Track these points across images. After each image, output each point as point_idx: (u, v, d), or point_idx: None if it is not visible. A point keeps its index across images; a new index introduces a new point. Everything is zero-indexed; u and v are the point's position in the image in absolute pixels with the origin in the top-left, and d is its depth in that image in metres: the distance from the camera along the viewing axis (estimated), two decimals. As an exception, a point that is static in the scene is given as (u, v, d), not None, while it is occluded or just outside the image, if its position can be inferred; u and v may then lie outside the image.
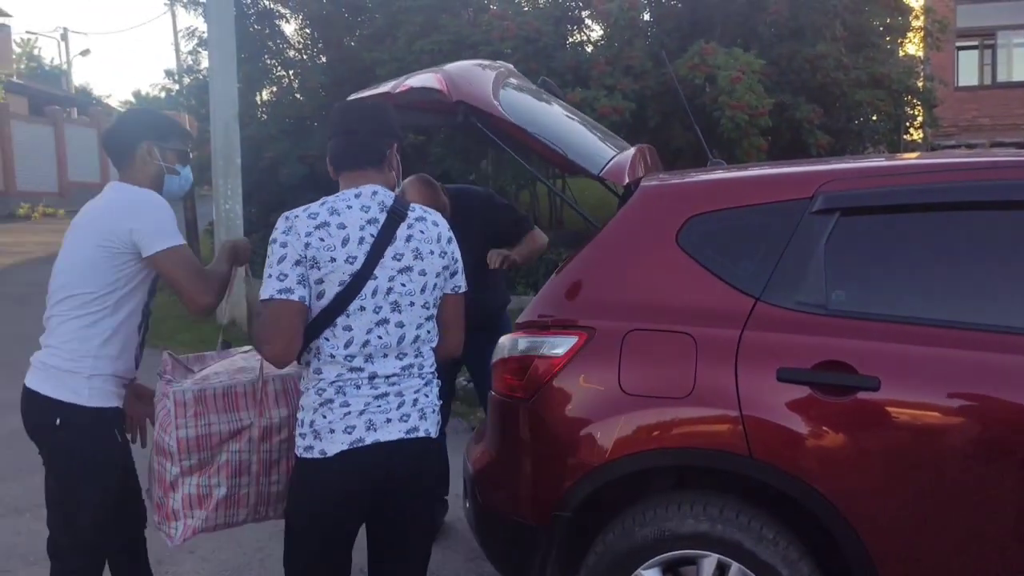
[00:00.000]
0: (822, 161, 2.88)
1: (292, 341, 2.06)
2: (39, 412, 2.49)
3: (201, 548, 3.71)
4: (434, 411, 2.23)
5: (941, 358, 2.22)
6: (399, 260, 2.13)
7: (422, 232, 2.18)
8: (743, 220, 2.46)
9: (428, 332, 2.21)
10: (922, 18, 11.29)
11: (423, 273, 2.17)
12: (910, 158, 3.44)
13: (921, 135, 12.57)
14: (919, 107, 11.32)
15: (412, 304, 2.16)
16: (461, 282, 2.29)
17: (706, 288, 2.41)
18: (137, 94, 44.59)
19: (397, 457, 2.14)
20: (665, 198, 2.68)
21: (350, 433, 2.10)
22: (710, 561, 2.33)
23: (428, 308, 2.20)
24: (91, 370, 2.43)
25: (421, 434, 2.18)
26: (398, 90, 2.79)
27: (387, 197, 2.18)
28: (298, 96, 11.16)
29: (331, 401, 2.11)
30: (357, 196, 2.15)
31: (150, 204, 2.45)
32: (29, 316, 10.53)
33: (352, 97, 3.36)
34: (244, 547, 3.77)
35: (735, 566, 2.31)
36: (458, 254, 2.28)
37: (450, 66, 3.05)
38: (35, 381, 2.49)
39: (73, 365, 2.42)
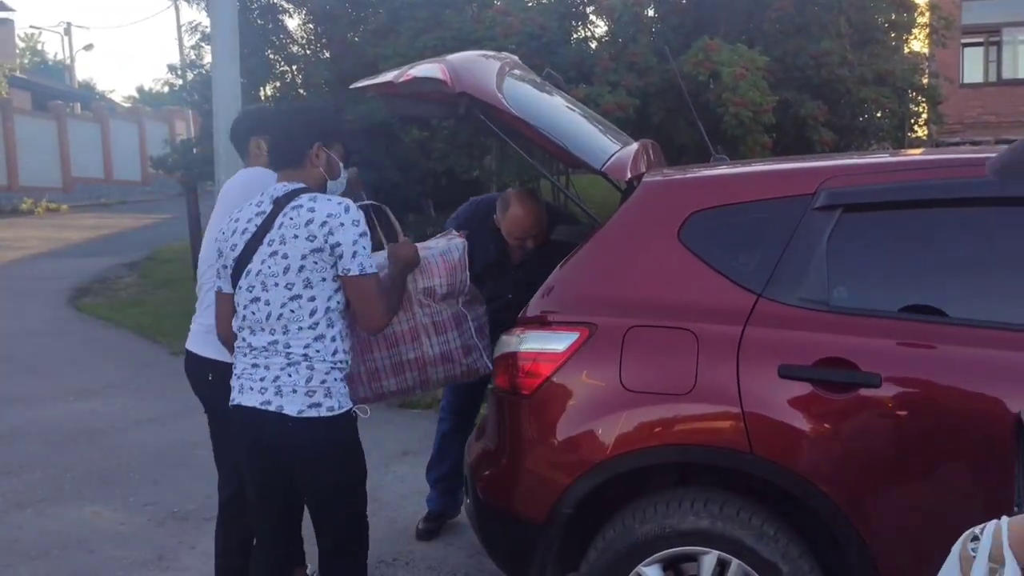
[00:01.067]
0: (825, 157, 2.88)
1: (220, 323, 2.57)
2: (196, 369, 2.89)
3: (203, 543, 3.72)
4: (295, 391, 2.36)
5: (943, 355, 2.21)
6: (271, 245, 2.40)
7: (291, 219, 2.39)
8: (745, 216, 2.46)
9: (293, 312, 2.38)
10: (927, 15, 11.23)
11: (285, 256, 2.38)
12: (913, 154, 3.43)
13: (926, 132, 12.52)
14: (924, 104, 11.26)
15: (276, 284, 2.38)
16: (350, 264, 2.38)
17: (708, 284, 2.41)
18: (141, 89, 44.71)
19: (257, 424, 2.40)
20: (667, 194, 2.67)
21: (233, 390, 2.47)
22: (711, 558, 2.33)
23: (291, 288, 2.37)
24: None
25: (273, 408, 2.37)
26: (401, 80, 2.78)
27: (280, 190, 2.45)
28: (301, 91, 11.14)
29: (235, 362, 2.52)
30: (263, 192, 2.48)
31: None
32: (30, 311, 10.53)
33: (355, 85, 3.35)
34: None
35: (735, 563, 2.31)
36: (344, 238, 2.36)
37: (453, 56, 3.03)
38: (192, 343, 2.90)
39: None
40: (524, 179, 11.34)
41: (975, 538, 1.20)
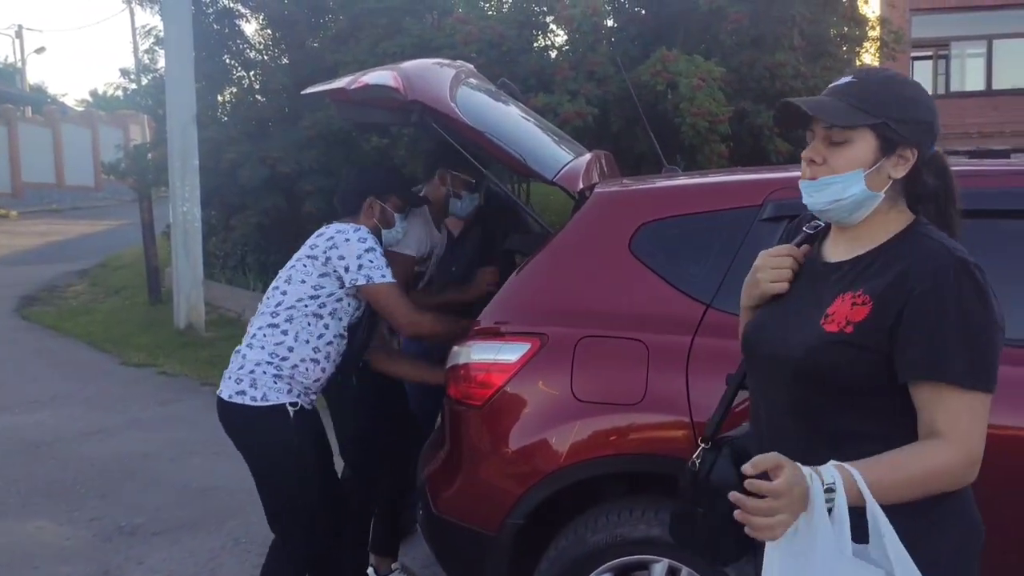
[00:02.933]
0: (774, 169, 2.91)
1: None
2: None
3: (151, 558, 3.64)
4: (229, 376, 2.65)
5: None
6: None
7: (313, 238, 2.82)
8: (694, 227, 2.48)
9: (267, 299, 2.73)
10: (878, 29, 11.48)
11: (292, 266, 2.77)
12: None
13: (878, 143, 12.75)
14: (875, 116, 11.50)
15: (273, 287, 2.78)
16: (357, 276, 2.69)
17: (658, 295, 2.42)
18: (95, 93, 43.86)
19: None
20: (618, 205, 2.69)
21: None
22: (661, 566, 2.34)
23: (276, 283, 2.78)
24: None
25: (222, 394, 2.66)
26: (353, 87, 2.76)
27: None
28: (259, 97, 11.02)
29: None
30: None
31: None
32: (-22, 320, 10.15)
33: (308, 91, 3.33)
34: (197, 556, 3.71)
35: (685, 570, 2.33)
36: (347, 252, 2.69)
37: (407, 64, 3.02)
38: None
39: None
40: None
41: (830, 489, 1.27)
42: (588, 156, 3.00)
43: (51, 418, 5.80)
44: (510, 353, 2.49)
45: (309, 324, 2.69)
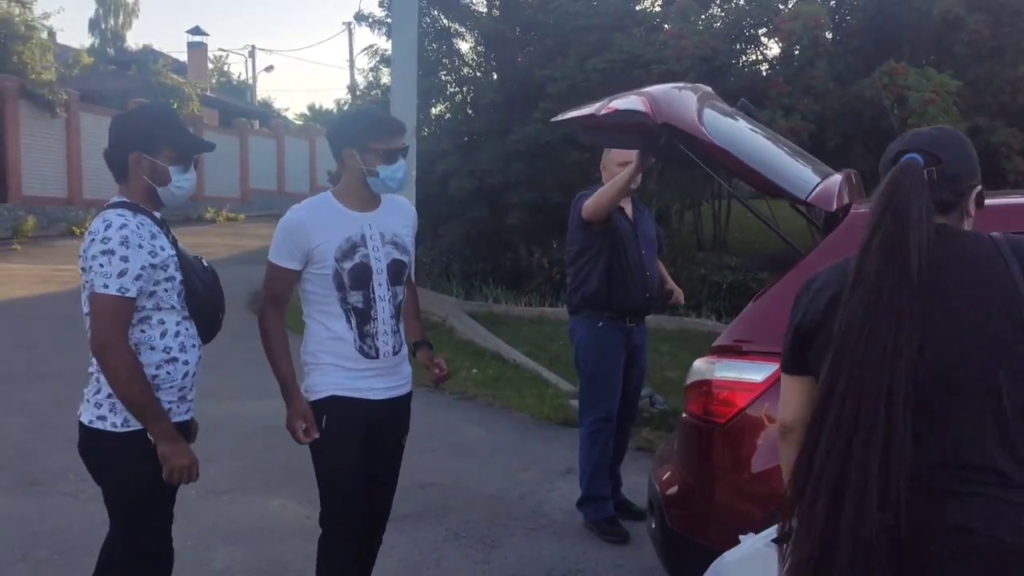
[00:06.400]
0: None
1: None
2: None
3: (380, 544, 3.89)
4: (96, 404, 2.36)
5: None
6: None
7: None
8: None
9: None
10: None
11: None
12: None
13: None
14: None
15: None
16: (87, 278, 2.32)
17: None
18: (312, 108, 47.49)
19: None
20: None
21: None
22: None
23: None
24: None
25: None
26: (603, 112, 2.84)
27: None
28: (470, 112, 11.54)
29: None
30: None
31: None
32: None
33: (556, 119, 3.46)
34: (422, 546, 3.90)
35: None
36: (87, 252, 2.29)
37: (653, 88, 3.06)
38: None
39: None
40: (686, 201, 11.24)
41: None
42: (839, 176, 2.91)
43: (283, 407, 6.31)
44: (755, 373, 2.46)
45: (143, 331, 2.36)
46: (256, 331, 2.88)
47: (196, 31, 32.76)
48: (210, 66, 37.96)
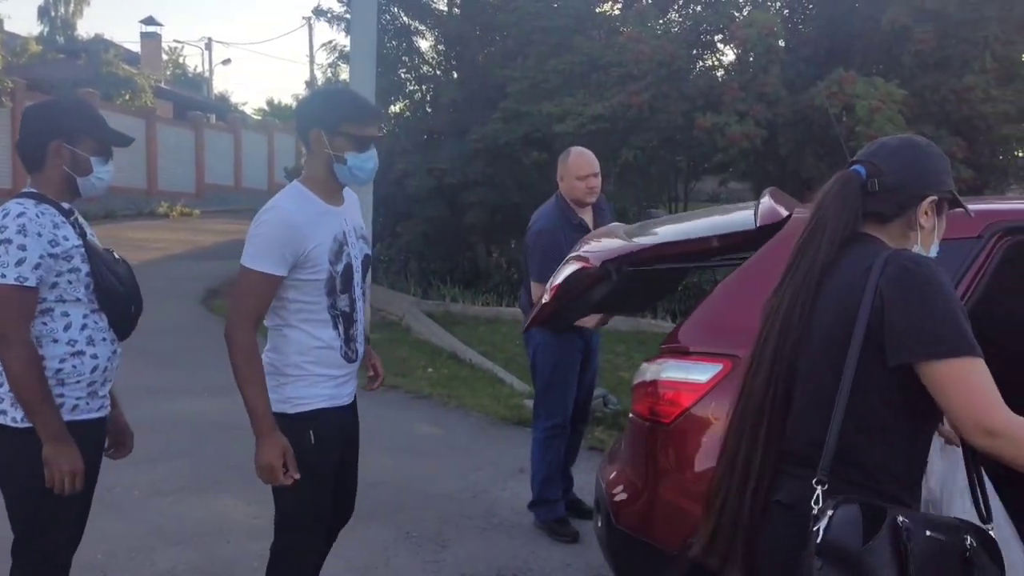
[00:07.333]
0: (988, 200, 2.79)
1: None
2: None
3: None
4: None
5: None
6: None
7: None
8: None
9: None
10: (1080, 51, 10.65)
11: None
12: None
13: (1072, 174, 11.82)
14: (1070, 144, 10.70)
15: None
16: None
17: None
18: (271, 102, 46.94)
19: None
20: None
21: None
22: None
23: None
24: None
25: None
26: (551, 292, 2.90)
27: None
28: (429, 110, 11.51)
29: None
30: None
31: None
32: (168, 309, 11.10)
33: (524, 327, 3.73)
34: (372, 546, 3.90)
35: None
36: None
37: (579, 248, 3.10)
38: None
39: None
40: (643, 204, 11.34)
41: None
42: (765, 195, 2.98)
43: (237, 404, 6.24)
44: (700, 373, 2.51)
45: (45, 323, 2.30)
46: (210, 326, 2.84)
47: (150, 21, 32.15)
48: (164, 58, 37.26)
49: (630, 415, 2.72)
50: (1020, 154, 10.50)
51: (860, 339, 1.53)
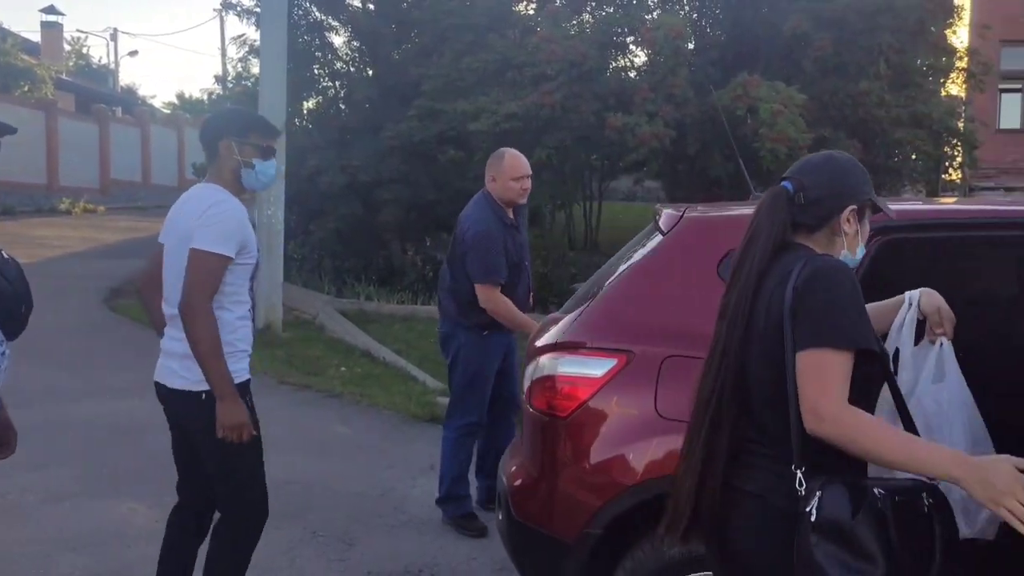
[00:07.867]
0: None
1: None
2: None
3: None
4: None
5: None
6: None
7: None
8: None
9: None
10: (966, 59, 11.27)
11: None
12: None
13: (960, 176, 12.50)
14: (959, 148, 11.30)
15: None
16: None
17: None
18: (181, 96, 45.53)
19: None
20: (708, 230, 2.76)
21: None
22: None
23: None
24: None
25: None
26: None
27: None
28: (343, 107, 11.38)
29: None
30: None
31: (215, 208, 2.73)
32: (67, 309, 10.69)
33: None
34: (276, 546, 3.86)
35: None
36: None
37: None
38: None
39: None
40: (557, 202, 11.47)
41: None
42: (657, 208, 3.07)
43: (140, 407, 6.05)
44: (596, 368, 2.58)
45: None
46: (112, 327, 2.84)
47: (51, 10, 30.81)
48: (67, 48, 35.76)
49: (528, 410, 2.77)
50: (914, 157, 11.02)
51: (790, 335, 1.68)
